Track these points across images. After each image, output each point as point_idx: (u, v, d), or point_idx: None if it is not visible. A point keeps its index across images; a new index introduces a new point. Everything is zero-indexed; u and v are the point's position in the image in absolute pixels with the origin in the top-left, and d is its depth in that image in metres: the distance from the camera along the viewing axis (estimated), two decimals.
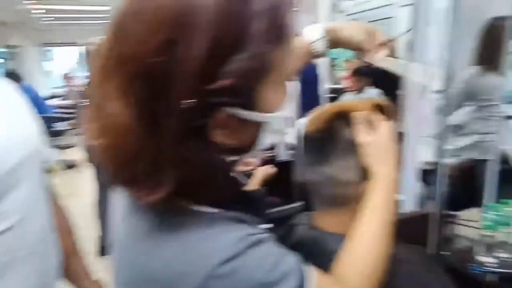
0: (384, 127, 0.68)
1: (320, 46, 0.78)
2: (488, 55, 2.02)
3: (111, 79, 0.40)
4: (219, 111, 0.40)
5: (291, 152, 2.93)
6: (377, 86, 2.87)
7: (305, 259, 0.61)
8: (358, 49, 0.79)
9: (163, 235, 0.45)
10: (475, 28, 2.19)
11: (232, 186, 0.50)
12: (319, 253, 0.68)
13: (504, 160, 2.00)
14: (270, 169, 1.04)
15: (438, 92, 1.60)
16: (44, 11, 6.29)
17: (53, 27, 7.74)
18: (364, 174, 0.69)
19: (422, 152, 1.96)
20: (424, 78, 1.58)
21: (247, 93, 0.41)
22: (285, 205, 1.91)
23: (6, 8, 6.67)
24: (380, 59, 0.79)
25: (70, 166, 5.14)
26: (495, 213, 1.35)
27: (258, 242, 0.46)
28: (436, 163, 1.59)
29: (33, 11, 6.37)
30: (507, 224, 1.36)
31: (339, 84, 6.31)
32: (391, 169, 0.66)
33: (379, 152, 0.66)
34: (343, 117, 0.72)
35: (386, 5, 1.78)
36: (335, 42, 0.78)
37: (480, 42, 2.08)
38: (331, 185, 0.72)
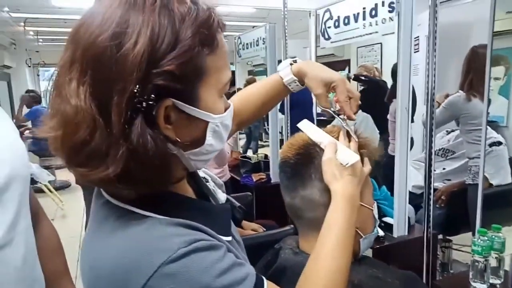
0: (339, 147, 0.71)
1: (293, 86, 0.83)
2: (472, 81, 2.08)
3: (68, 74, 0.45)
4: (164, 100, 0.44)
5: None
6: (365, 110, 2.92)
7: (289, 282, 0.62)
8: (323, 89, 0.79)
9: (111, 234, 0.48)
10: (459, 55, 2.27)
11: (172, 181, 0.52)
12: None
13: (490, 184, 2.03)
14: None
15: (425, 116, 1.63)
16: (34, 33, 6.38)
17: (47, 48, 7.81)
18: None
19: (412, 176, 1.98)
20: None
21: (187, 86, 0.46)
22: (278, 229, 1.90)
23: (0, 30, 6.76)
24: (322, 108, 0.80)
25: (64, 187, 5.08)
26: (486, 238, 1.35)
27: (209, 248, 0.47)
28: (425, 187, 1.61)
29: (27, 34, 6.44)
30: (498, 250, 1.36)
31: (332, 107, 6.42)
32: (346, 185, 0.67)
33: (332, 169, 0.68)
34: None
35: (370, 34, 1.83)
36: (302, 77, 0.82)
37: (464, 68, 2.15)
38: (311, 208, 0.74)
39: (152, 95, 0.43)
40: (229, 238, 0.57)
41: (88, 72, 0.43)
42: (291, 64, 0.82)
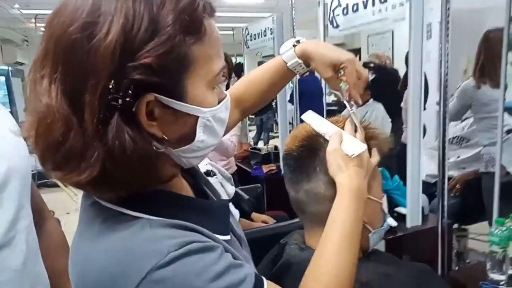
0: (344, 137, 0.67)
1: (298, 69, 0.77)
2: (486, 67, 2.02)
3: (40, 70, 0.42)
4: (145, 95, 0.41)
5: None
6: (376, 99, 2.86)
7: (294, 279, 0.60)
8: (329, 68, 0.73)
9: (97, 237, 0.46)
10: (472, 41, 2.20)
11: (160, 180, 0.49)
12: None
13: (507, 173, 1.97)
14: None
15: (438, 103, 1.59)
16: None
17: None
18: None
19: (425, 165, 1.94)
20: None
21: (170, 79, 0.42)
22: (288, 221, 1.89)
23: (11, 26, 6.85)
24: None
25: None
26: (504, 228, 1.31)
27: (203, 250, 0.44)
28: (439, 176, 1.57)
29: (39, 30, 6.51)
30: None
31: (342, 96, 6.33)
32: (352, 176, 0.64)
33: (337, 160, 0.65)
34: (321, 134, 0.72)
35: (380, 20, 1.77)
36: (307, 60, 0.75)
37: (478, 54, 2.08)
38: (315, 202, 0.71)
39: (129, 91, 0.40)
40: (227, 237, 0.54)
41: (59, 67, 0.40)
42: (294, 45, 0.76)
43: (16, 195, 0.74)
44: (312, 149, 0.71)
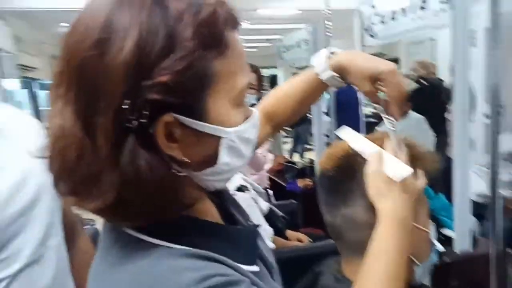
0: (386, 158, 0.61)
1: (333, 82, 0.71)
2: None
3: (56, 88, 0.41)
4: (162, 115, 0.38)
5: None
6: (419, 111, 2.72)
7: None
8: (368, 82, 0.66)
9: (115, 265, 0.43)
10: None
11: (182, 206, 0.45)
12: None
13: None
14: None
15: (487, 116, 1.46)
16: None
17: None
18: None
19: (474, 183, 1.79)
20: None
21: (189, 99, 0.39)
22: (324, 241, 1.80)
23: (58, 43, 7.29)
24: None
25: None
26: None
27: (225, 285, 0.40)
28: (490, 196, 1.44)
29: None
30: None
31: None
32: (396, 203, 0.58)
33: (378, 184, 0.60)
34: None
35: (420, 28, 1.68)
36: (343, 73, 0.69)
37: None
38: (353, 228, 0.65)
39: (145, 112, 0.37)
40: (255, 268, 0.49)
41: (73, 87, 0.38)
42: (329, 57, 0.70)
43: (47, 212, 0.74)
44: (349, 170, 0.65)
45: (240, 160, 0.46)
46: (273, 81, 3.85)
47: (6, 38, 3.38)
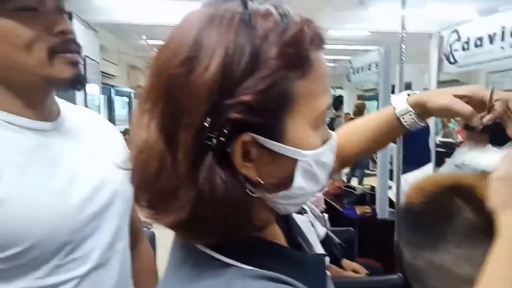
0: None
1: (408, 119, 0.67)
2: None
3: (143, 103, 0.42)
4: (241, 134, 0.38)
5: (393, 210, 2.67)
6: (497, 143, 2.48)
7: None
8: (456, 116, 0.63)
9: (186, 283, 0.42)
10: None
11: (254, 227, 0.43)
12: None
13: None
14: None
15: None
16: None
17: None
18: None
19: None
20: None
21: (268, 119, 0.39)
22: (381, 274, 1.69)
23: (138, 55, 7.91)
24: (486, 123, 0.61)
25: None
26: None
27: None
28: None
29: None
30: None
31: (452, 137, 5.73)
32: None
33: (505, 191, 0.51)
34: (461, 193, 0.58)
35: (504, 58, 1.54)
36: (425, 112, 0.66)
37: None
38: (441, 277, 0.57)
39: (225, 130, 0.37)
40: None
41: (160, 102, 0.39)
42: (408, 95, 0.68)
43: (117, 216, 0.77)
44: (443, 210, 0.59)
45: (315, 185, 0.45)
46: (337, 102, 3.78)
47: (94, 47, 3.71)
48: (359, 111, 5.33)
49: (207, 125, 0.36)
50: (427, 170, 2.62)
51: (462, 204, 0.57)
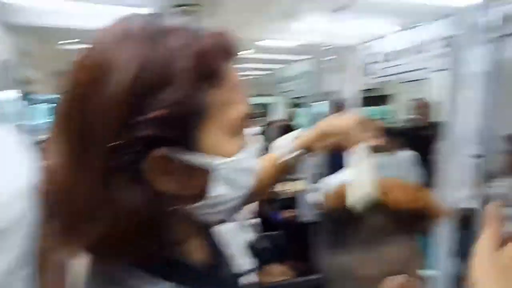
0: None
1: (292, 161, 0.73)
2: None
3: (57, 122, 0.40)
4: (152, 150, 0.37)
5: (315, 212, 2.78)
6: (410, 147, 2.72)
7: None
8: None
9: None
10: None
11: (174, 242, 0.43)
12: None
13: None
14: None
15: (477, 157, 1.47)
16: None
17: None
18: (389, 270, 0.56)
19: None
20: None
21: (182, 131, 0.39)
22: (300, 276, 1.76)
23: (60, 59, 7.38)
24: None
25: None
26: None
27: None
28: None
29: None
30: None
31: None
32: None
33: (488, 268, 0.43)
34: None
35: (418, 69, 1.72)
36: (313, 148, 0.73)
37: None
38: (349, 279, 0.60)
39: (136, 148, 0.36)
40: None
41: (71, 122, 0.38)
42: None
43: (23, 240, 0.71)
44: (355, 215, 0.61)
45: (238, 190, 0.45)
46: (266, 109, 3.89)
47: (12, 51, 3.41)
48: (290, 118, 5.56)
49: (117, 145, 0.35)
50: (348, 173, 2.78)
51: (370, 208, 0.60)
